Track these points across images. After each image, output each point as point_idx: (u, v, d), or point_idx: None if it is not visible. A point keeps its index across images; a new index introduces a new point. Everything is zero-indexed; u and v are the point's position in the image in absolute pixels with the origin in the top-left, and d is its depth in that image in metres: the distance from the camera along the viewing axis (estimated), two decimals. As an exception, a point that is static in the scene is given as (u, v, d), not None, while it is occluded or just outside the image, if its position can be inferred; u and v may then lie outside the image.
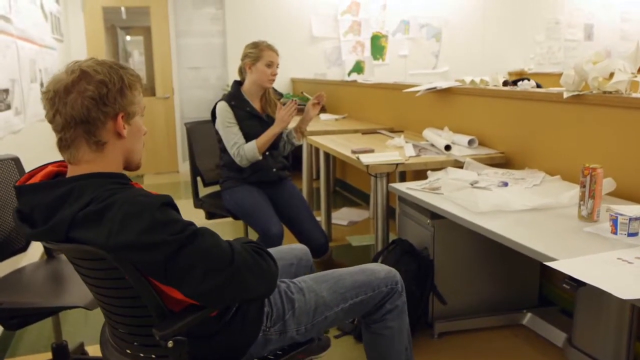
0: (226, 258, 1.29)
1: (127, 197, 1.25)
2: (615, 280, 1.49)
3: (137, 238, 1.21)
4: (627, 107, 2.35)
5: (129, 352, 1.47)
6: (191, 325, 1.35)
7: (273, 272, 1.40)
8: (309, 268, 2.01)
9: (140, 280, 1.28)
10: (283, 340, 1.60)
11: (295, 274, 1.93)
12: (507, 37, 7.84)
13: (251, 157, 2.91)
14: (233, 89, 3.05)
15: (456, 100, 3.51)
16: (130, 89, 1.34)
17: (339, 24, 7.06)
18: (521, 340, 2.57)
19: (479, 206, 2.12)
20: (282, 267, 1.87)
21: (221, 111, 2.94)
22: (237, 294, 1.33)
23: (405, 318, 1.84)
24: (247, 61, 2.98)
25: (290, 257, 1.96)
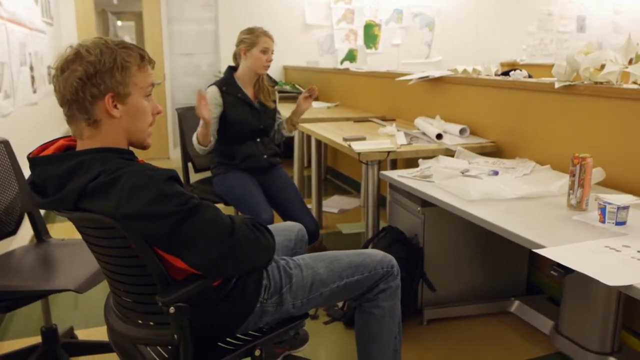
0: (227, 230, 1.36)
1: (134, 170, 1.30)
2: (602, 268, 1.51)
3: (144, 208, 1.27)
4: (618, 97, 2.37)
5: (131, 319, 1.52)
6: (192, 293, 1.40)
7: (271, 245, 1.48)
8: (305, 243, 2.09)
9: (145, 249, 1.34)
10: (279, 313, 1.67)
11: (293, 249, 2.02)
12: (499, 27, 7.85)
13: (198, 148, 2.88)
14: (226, 74, 3.03)
15: (448, 89, 3.52)
16: (122, 70, 1.35)
17: (332, 12, 7.03)
18: (509, 327, 2.60)
19: (470, 194, 2.13)
20: (280, 243, 1.95)
21: (209, 97, 2.90)
22: (237, 264, 1.40)
23: (398, 302, 1.86)
24: (242, 47, 2.95)
25: (288, 233, 2.05)
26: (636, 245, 1.67)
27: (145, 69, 1.41)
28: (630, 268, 1.51)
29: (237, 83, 2.99)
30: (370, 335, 1.86)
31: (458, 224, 2.55)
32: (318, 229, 3.05)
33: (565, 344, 2.34)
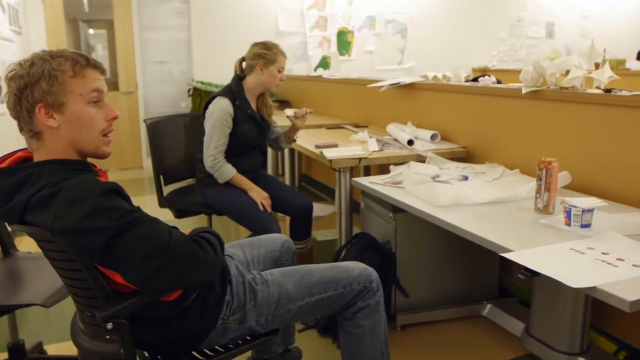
0: (162, 246, 1.33)
1: (74, 183, 1.29)
2: (567, 270, 1.53)
3: (78, 223, 1.26)
4: (583, 102, 2.41)
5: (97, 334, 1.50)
6: (136, 308, 1.40)
7: (211, 261, 1.42)
8: (291, 255, 2.04)
9: (84, 263, 1.34)
10: (242, 330, 1.62)
11: (278, 261, 1.98)
12: (471, 34, 7.95)
13: (220, 174, 2.83)
14: (236, 86, 2.91)
15: (419, 95, 3.55)
16: (50, 79, 1.33)
17: (305, 19, 7.05)
18: (481, 331, 2.63)
19: (440, 199, 2.15)
20: (264, 254, 1.94)
21: (222, 110, 2.80)
22: (171, 281, 1.36)
23: (380, 318, 1.79)
24: (260, 62, 2.87)
25: (273, 245, 2.01)
26: (600, 247, 1.70)
27: (83, 74, 1.36)
28: (594, 270, 1.54)
29: (247, 98, 2.93)
30: (353, 355, 1.80)
31: (430, 230, 2.56)
32: (311, 205, 3.04)
33: (536, 346, 2.37)
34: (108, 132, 1.43)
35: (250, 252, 1.94)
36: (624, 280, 1.47)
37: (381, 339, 1.79)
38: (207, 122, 2.84)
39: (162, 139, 3.18)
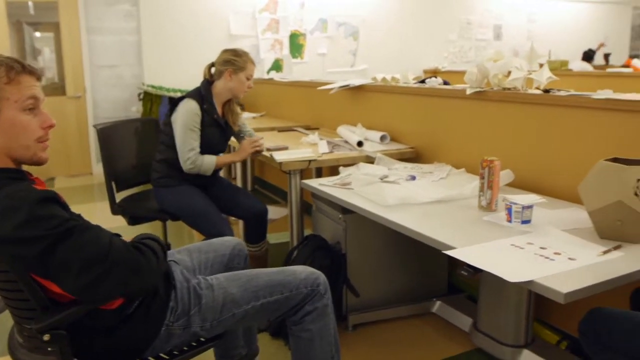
0: (101, 254, 1.30)
1: (9, 191, 1.26)
2: (506, 265, 1.58)
3: (12, 232, 1.23)
4: (523, 102, 2.49)
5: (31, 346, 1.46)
6: (71, 318, 1.36)
7: (152, 268, 1.41)
8: (243, 258, 2.01)
9: (20, 273, 1.30)
10: (186, 336, 1.60)
11: (228, 265, 1.95)
12: (422, 36, 8.10)
13: (204, 170, 2.82)
14: (205, 90, 2.88)
15: (369, 97, 3.59)
16: None
17: (257, 22, 7.04)
18: (431, 327, 2.67)
19: (387, 200, 2.18)
20: (213, 259, 1.91)
21: (190, 112, 2.79)
22: (113, 289, 1.33)
23: (329, 321, 1.79)
24: (230, 68, 2.86)
25: (222, 249, 1.97)
26: (539, 242, 1.76)
27: (19, 81, 1.33)
28: (532, 264, 1.59)
29: (214, 103, 2.91)
30: (303, 359, 1.79)
31: (379, 230, 2.60)
32: (265, 207, 3.04)
33: (483, 340, 2.43)
34: (44, 141, 1.40)
35: (198, 257, 1.92)
36: (559, 273, 1.52)
37: (331, 341, 1.79)
38: (177, 123, 2.80)
39: (113, 145, 3.12)
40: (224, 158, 2.92)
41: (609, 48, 9.60)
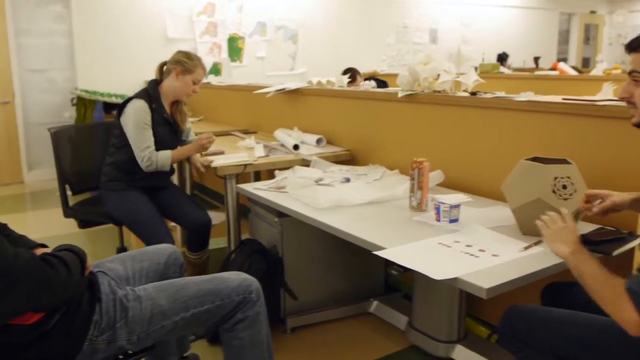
0: (5, 267, 1.26)
1: None
2: (433, 264, 1.63)
3: None
4: (452, 104, 2.57)
5: None
6: None
7: (62, 282, 1.38)
8: (179, 267, 1.98)
9: None
10: (112, 350, 1.55)
11: (164, 274, 1.91)
12: (361, 39, 8.20)
13: (162, 166, 2.81)
14: (152, 89, 2.86)
15: (305, 101, 3.61)
16: None
17: (194, 25, 6.94)
18: (369, 327, 2.71)
19: (320, 202, 2.20)
20: (148, 268, 1.86)
21: (139, 110, 2.77)
22: (19, 304, 1.30)
23: (261, 329, 1.78)
24: (178, 68, 2.84)
25: (157, 257, 1.93)
26: (465, 240, 1.82)
27: None
28: (458, 261, 1.65)
29: (162, 102, 2.89)
30: None
31: (315, 232, 2.59)
32: (210, 220, 3.01)
33: (418, 337, 2.48)
34: None
35: (132, 266, 1.87)
36: (483, 269, 1.58)
37: (263, 348, 1.78)
38: (127, 125, 2.78)
39: (66, 147, 3.13)
40: (180, 151, 2.91)
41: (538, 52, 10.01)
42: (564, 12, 11.16)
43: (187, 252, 3.05)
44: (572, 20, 11.51)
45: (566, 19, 11.42)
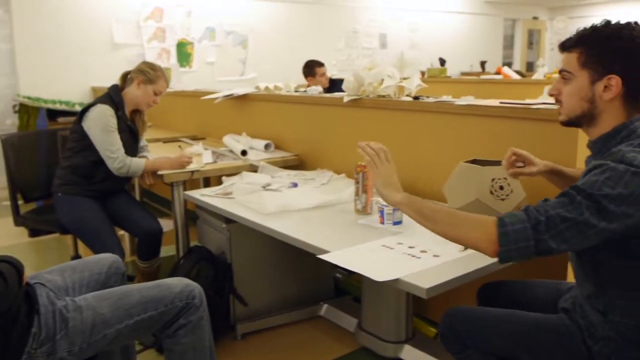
0: None
1: None
2: (375, 265, 1.66)
3: None
4: (396, 109, 2.62)
5: None
6: None
7: None
8: (121, 276, 1.95)
9: None
10: None
11: (106, 283, 1.87)
12: (311, 44, 8.23)
13: (133, 172, 2.80)
14: (116, 96, 2.86)
15: (253, 106, 3.61)
16: None
17: (142, 31, 6.84)
18: (319, 330, 2.73)
19: (266, 207, 2.21)
20: (89, 277, 1.82)
21: (105, 115, 2.75)
22: None
23: (204, 334, 1.77)
24: (141, 77, 2.86)
25: (98, 267, 1.89)
26: (408, 241, 1.86)
27: None
28: (400, 263, 1.68)
29: (125, 109, 2.89)
30: None
31: (264, 238, 2.58)
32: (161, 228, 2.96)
33: (367, 339, 2.51)
34: None
35: (72, 276, 1.83)
36: (424, 270, 1.62)
37: (206, 354, 1.77)
38: (94, 129, 2.76)
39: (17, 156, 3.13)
40: (154, 162, 2.87)
41: (484, 56, 10.29)
42: (508, 17, 11.51)
43: (138, 261, 3.01)
44: (516, 25, 11.89)
45: (510, 24, 11.78)
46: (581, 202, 1.23)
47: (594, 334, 1.41)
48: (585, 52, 1.38)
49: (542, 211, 1.26)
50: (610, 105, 1.38)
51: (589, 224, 1.22)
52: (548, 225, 1.24)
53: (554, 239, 1.24)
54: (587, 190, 1.23)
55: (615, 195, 1.21)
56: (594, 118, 1.41)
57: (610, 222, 1.22)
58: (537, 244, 1.26)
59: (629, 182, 1.21)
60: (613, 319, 1.37)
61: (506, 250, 1.29)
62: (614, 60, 1.34)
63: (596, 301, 1.41)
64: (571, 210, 1.23)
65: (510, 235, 1.27)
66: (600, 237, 1.24)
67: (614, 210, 1.21)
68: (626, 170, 1.22)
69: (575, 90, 1.41)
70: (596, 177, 1.24)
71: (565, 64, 1.43)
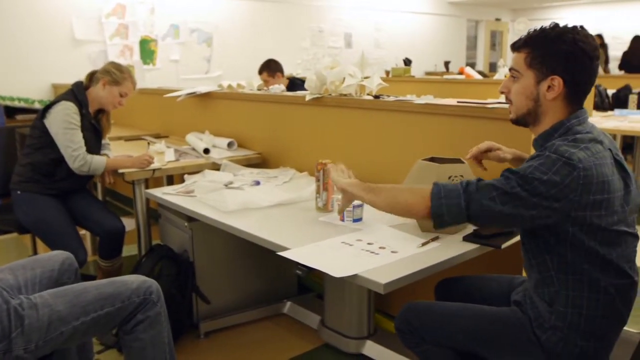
0: None
1: None
2: (334, 262, 1.68)
3: None
4: (357, 107, 2.65)
5: None
6: None
7: None
8: (74, 273, 1.93)
9: None
10: None
11: (58, 281, 1.85)
12: (276, 43, 8.22)
13: (94, 170, 2.76)
14: (80, 94, 2.82)
15: (217, 104, 3.60)
16: None
17: (103, 27, 6.72)
18: (282, 328, 2.74)
19: (228, 206, 2.21)
20: (40, 275, 1.80)
21: (68, 112, 2.72)
22: None
23: (162, 329, 1.77)
24: (107, 78, 2.83)
25: (50, 264, 1.87)
26: (367, 238, 1.89)
27: None
28: (358, 259, 1.71)
29: (89, 108, 2.85)
30: None
31: (226, 236, 2.58)
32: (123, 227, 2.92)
33: (330, 335, 2.54)
34: None
35: (24, 275, 1.80)
36: (382, 265, 1.65)
37: (164, 349, 1.78)
38: (55, 126, 2.72)
39: None
40: (115, 161, 2.85)
41: (449, 56, 10.44)
42: (471, 19, 11.71)
43: (99, 260, 2.98)
44: (479, 27, 12.10)
45: (473, 25, 11.99)
46: (513, 179, 1.34)
47: (542, 324, 1.47)
48: (531, 52, 1.44)
49: (475, 181, 1.40)
50: (553, 104, 1.45)
51: (518, 196, 1.33)
52: (479, 187, 1.38)
53: (484, 201, 1.36)
54: (521, 173, 1.34)
55: (546, 179, 1.30)
56: (538, 116, 1.49)
57: (539, 202, 1.31)
58: (468, 204, 1.38)
59: (559, 170, 1.30)
60: (558, 308, 1.43)
61: (437, 205, 1.43)
62: (556, 62, 1.41)
63: (542, 291, 1.47)
64: (504, 184, 1.35)
65: (442, 192, 1.42)
66: (529, 214, 1.33)
67: (543, 192, 1.31)
68: (558, 159, 1.31)
69: (522, 89, 1.48)
70: (530, 163, 1.35)
71: (514, 63, 1.50)
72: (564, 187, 1.30)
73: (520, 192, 1.33)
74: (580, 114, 1.45)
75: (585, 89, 1.45)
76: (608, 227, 1.34)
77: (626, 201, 1.38)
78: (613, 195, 1.33)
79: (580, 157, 1.31)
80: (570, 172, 1.29)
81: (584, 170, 1.30)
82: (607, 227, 1.34)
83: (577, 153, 1.32)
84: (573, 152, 1.32)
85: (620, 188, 1.36)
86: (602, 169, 1.32)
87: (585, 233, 1.34)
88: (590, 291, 1.39)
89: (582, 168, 1.30)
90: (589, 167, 1.30)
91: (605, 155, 1.35)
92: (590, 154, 1.33)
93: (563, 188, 1.30)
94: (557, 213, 1.33)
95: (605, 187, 1.31)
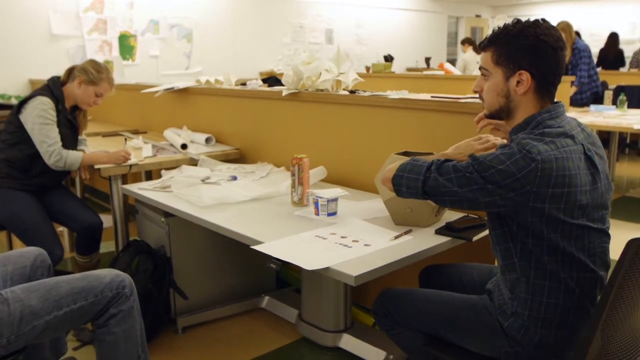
0: None
1: None
2: (307, 255, 1.70)
3: None
4: (333, 102, 2.67)
5: None
6: None
7: None
8: (47, 269, 1.92)
9: None
10: None
11: (31, 277, 1.84)
12: (257, 38, 8.22)
13: (70, 165, 2.74)
14: (57, 90, 2.81)
15: (194, 100, 3.60)
16: None
17: (81, 22, 6.67)
18: (261, 322, 2.75)
19: (203, 200, 2.22)
20: (12, 271, 1.80)
21: (44, 106, 2.70)
22: None
23: (135, 323, 1.78)
24: (83, 77, 2.81)
25: (22, 260, 1.87)
26: (341, 232, 1.91)
27: None
28: (331, 252, 1.73)
29: (65, 103, 2.84)
30: None
31: (203, 231, 2.59)
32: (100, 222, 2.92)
33: (307, 329, 2.56)
34: None
35: None
36: (355, 258, 1.67)
37: (137, 343, 1.79)
38: (30, 121, 2.70)
39: None
40: (91, 156, 2.83)
41: (430, 52, 10.50)
42: (452, 15, 11.79)
43: (77, 256, 2.97)
44: (460, 23, 12.18)
45: (454, 21, 12.07)
46: (474, 164, 1.40)
47: (505, 311, 1.51)
48: (497, 50, 1.48)
49: (442, 161, 1.49)
50: (525, 98, 1.47)
51: (474, 181, 1.38)
52: (441, 166, 1.46)
53: (442, 179, 1.44)
54: (481, 159, 1.39)
55: (502, 169, 1.35)
56: (511, 111, 1.51)
57: (494, 189, 1.36)
58: (426, 180, 1.48)
59: (517, 161, 1.34)
60: (519, 294, 1.47)
61: (399, 176, 1.54)
62: (521, 57, 1.44)
63: (506, 278, 1.52)
64: (464, 167, 1.41)
65: (409, 166, 1.53)
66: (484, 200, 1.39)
67: (498, 180, 1.35)
68: (519, 151, 1.35)
69: (493, 86, 1.51)
70: (495, 152, 1.40)
71: (483, 62, 1.53)
72: (520, 178, 1.33)
73: (477, 178, 1.38)
74: (553, 108, 1.47)
75: (553, 80, 1.47)
76: (568, 220, 1.37)
77: (592, 197, 1.40)
78: (575, 189, 1.35)
79: (541, 150, 1.33)
80: (528, 164, 1.32)
81: (542, 163, 1.32)
82: (567, 221, 1.37)
83: (538, 146, 1.34)
84: (534, 145, 1.35)
85: (586, 183, 1.38)
86: (565, 162, 1.34)
87: (545, 225, 1.37)
88: (551, 280, 1.42)
89: (540, 160, 1.32)
90: (548, 160, 1.33)
91: (572, 150, 1.37)
92: (554, 148, 1.35)
93: (519, 179, 1.33)
94: (511, 202, 1.36)
95: (566, 181, 1.34)
